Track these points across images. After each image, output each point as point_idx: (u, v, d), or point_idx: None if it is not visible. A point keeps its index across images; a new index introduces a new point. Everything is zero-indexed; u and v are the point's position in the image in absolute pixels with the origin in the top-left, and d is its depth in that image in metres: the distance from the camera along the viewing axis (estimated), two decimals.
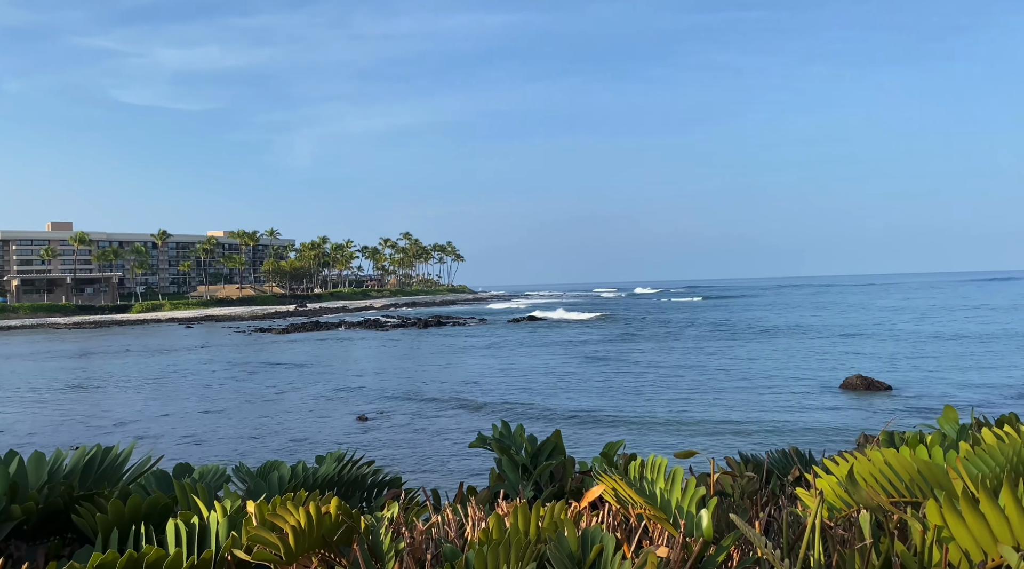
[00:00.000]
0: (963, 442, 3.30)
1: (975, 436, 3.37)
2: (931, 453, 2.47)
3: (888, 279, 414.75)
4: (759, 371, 41.30)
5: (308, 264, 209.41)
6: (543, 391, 35.46)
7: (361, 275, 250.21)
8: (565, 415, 28.67)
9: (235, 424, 30.01)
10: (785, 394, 33.22)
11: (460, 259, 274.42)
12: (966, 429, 3.57)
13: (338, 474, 3.49)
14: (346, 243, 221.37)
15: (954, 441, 3.54)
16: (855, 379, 34.71)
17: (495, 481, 3.73)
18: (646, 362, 47.56)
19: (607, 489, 2.79)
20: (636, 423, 26.65)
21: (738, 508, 3.06)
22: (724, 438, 24.40)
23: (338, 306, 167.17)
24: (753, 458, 4.11)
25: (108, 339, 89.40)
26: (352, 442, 25.13)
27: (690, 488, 2.59)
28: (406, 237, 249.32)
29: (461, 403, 32.51)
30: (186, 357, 61.81)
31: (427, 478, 18.34)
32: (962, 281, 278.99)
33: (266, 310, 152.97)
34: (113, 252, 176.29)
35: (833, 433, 24.64)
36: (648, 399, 32.10)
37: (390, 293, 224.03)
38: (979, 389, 33.28)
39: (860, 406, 30.17)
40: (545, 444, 3.83)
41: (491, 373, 43.42)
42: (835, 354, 49.07)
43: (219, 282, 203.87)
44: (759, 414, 28.31)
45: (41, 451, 2.60)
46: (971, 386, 34.18)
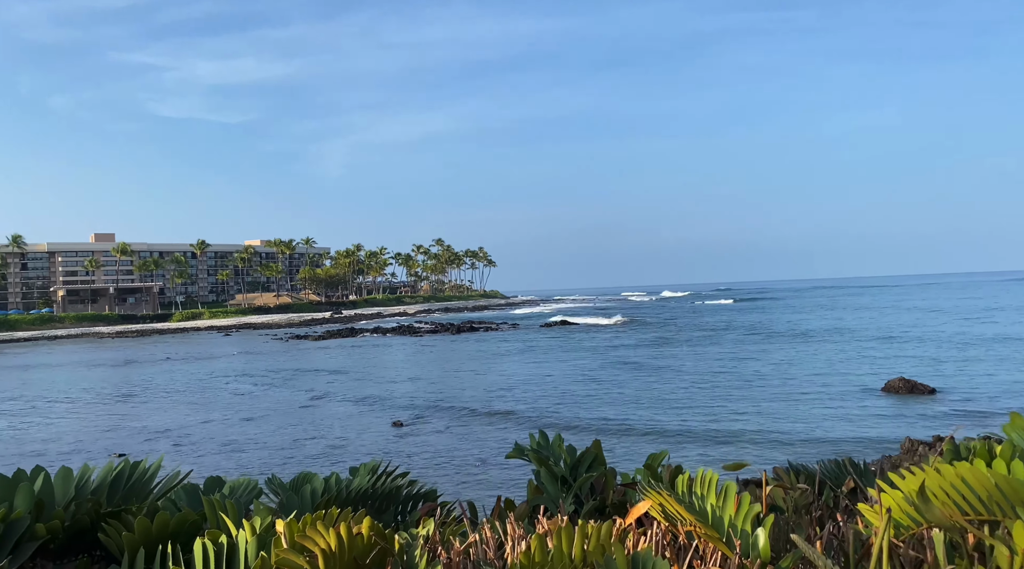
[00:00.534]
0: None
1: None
2: (1010, 467, 2.27)
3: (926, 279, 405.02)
4: (797, 375, 40.50)
5: (343, 271, 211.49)
6: (578, 398, 35.16)
7: (395, 281, 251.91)
8: (601, 423, 28.34)
9: (273, 431, 30.27)
10: (825, 398, 32.48)
11: (492, 264, 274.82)
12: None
13: (372, 487, 3.38)
14: (380, 250, 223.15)
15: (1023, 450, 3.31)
16: (897, 382, 33.81)
17: (533, 494, 3.59)
18: (682, 367, 47.00)
19: (654, 505, 2.64)
20: (674, 432, 26.17)
21: (793, 524, 2.88)
22: (764, 446, 23.90)
23: (373, 312, 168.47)
24: (804, 468, 3.92)
25: (149, 347, 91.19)
26: (387, 449, 25.17)
27: (744, 504, 2.42)
28: (438, 243, 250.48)
29: (495, 410, 32.35)
30: (224, 364, 62.71)
31: (463, 489, 18.18)
32: (1004, 280, 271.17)
33: (303, 317, 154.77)
34: (154, 262, 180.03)
35: (876, 438, 23.99)
36: (685, 406, 31.62)
37: (423, 299, 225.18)
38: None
39: (903, 410, 29.35)
40: (585, 455, 3.68)
41: (525, 379, 43.25)
42: (874, 356, 47.93)
43: (256, 290, 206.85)
44: (798, 419, 27.71)
45: (68, 467, 2.53)
46: (1019, 389, 33.07)
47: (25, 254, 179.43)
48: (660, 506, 2.63)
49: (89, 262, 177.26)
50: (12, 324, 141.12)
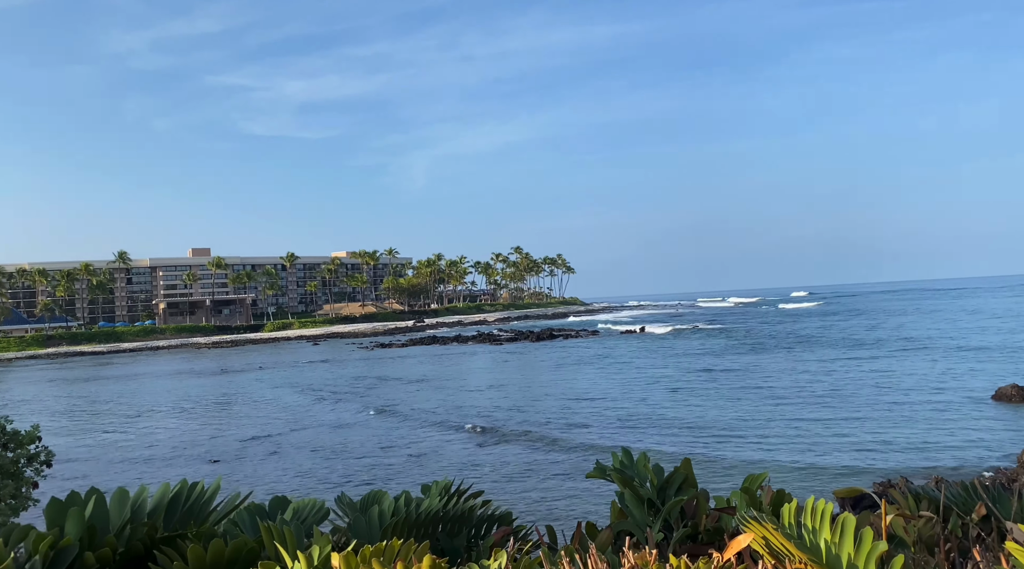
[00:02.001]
0: None
1: None
2: None
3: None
4: (897, 383, 38.35)
5: (424, 281, 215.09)
6: (661, 410, 34.24)
7: (475, 290, 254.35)
8: (686, 437, 27.49)
9: (356, 440, 30.79)
10: (931, 408, 30.55)
11: (570, 271, 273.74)
12: None
13: (444, 508, 3.17)
14: (459, 259, 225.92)
15: None
16: (1009, 389, 31.50)
17: (617, 518, 3.30)
18: (771, 376, 45.36)
19: (757, 538, 2.32)
20: (768, 446, 25.01)
21: (922, 564, 2.50)
22: (868, 460, 22.61)
23: (454, 320, 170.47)
24: (925, 493, 3.48)
25: (243, 356, 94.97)
26: (465, 461, 25.13)
27: (866, 541, 2.08)
28: (517, 251, 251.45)
29: (576, 422, 31.87)
30: (313, 373, 64.56)
31: (540, 507, 17.75)
32: None
33: (387, 326, 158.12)
34: (247, 275, 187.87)
35: (989, 451, 22.33)
36: (777, 417, 30.32)
37: (503, 307, 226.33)
38: None
39: (1018, 419, 27.29)
40: (674, 476, 3.36)
41: (606, 389, 42.61)
42: (979, 361, 44.94)
43: (343, 300, 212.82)
44: (903, 431, 26.11)
45: (126, 488, 2.41)
46: None
47: (130, 269, 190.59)
48: (764, 540, 2.31)
49: (187, 276, 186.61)
50: (119, 335, 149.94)
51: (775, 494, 3.10)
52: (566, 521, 14.14)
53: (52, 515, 2.21)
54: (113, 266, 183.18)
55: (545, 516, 15.83)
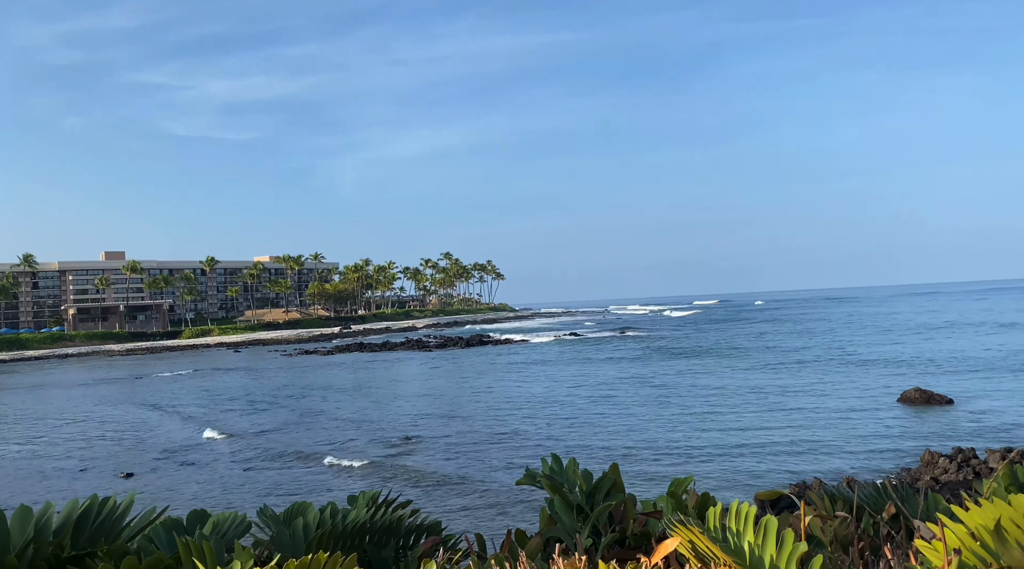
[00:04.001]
0: None
1: None
2: None
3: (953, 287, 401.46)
4: (809, 388, 39.95)
5: (352, 286, 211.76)
6: (590, 415, 34.66)
7: (403, 296, 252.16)
8: (615, 443, 27.89)
9: (282, 447, 30.01)
10: (841, 410, 31.96)
11: (500, 278, 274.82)
12: None
13: (371, 519, 3.11)
14: (388, 265, 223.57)
15: None
16: (913, 392, 33.29)
17: (547, 524, 3.30)
18: (695, 382, 46.54)
19: (683, 542, 2.36)
20: (690, 451, 25.63)
21: (839, 562, 2.59)
22: (782, 462, 23.43)
23: (382, 327, 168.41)
24: (839, 493, 3.62)
25: (159, 364, 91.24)
26: (395, 469, 24.82)
27: (787, 542, 2.14)
28: (447, 257, 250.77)
29: (506, 429, 31.93)
30: (234, 381, 62.58)
31: (470, 516, 17.67)
32: (1012, 289, 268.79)
33: (312, 333, 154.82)
34: (164, 280, 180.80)
35: (895, 450, 23.50)
36: (699, 423, 31.08)
37: (432, 313, 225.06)
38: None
39: (921, 421, 28.83)
40: (602, 481, 3.39)
41: (535, 395, 42.86)
42: (887, 366, 47.31)
43: (266, 306, 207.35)
44: (815, 433, 27.21)
45: (28, 505, 2.27)
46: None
47: (36, 273, 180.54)
48: (690, 543, 2.35)
49: (100, 280, 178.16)
50: (23, 343, 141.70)
51: (700, 498, 3.17)
52: (496, 529, 14.12)
53: None
54: (17, 269, 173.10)
55: (475, 524, 15.77)
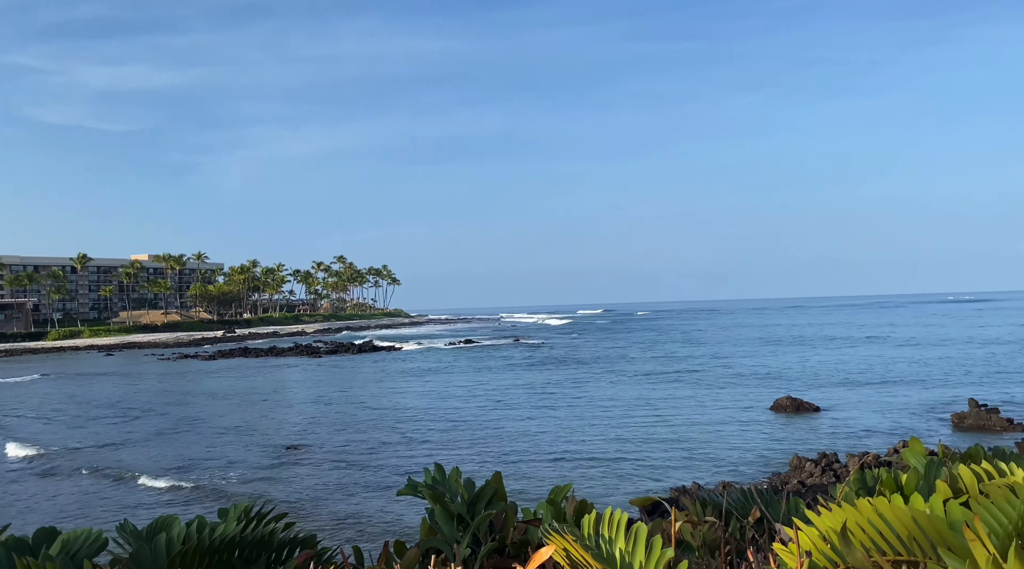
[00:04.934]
0: (940, 482, 3.03)
1: (951, 474, 3.11)
2: (930, 504, 2.15)
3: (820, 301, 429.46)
4: (686, 394, 41.67)
5: (237, 288, 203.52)
6: (480, 422, 34.66)
7: (293, 300, 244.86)
8: (504, 450, 28.02)
9: (152, 457, 28.38)
10: (712, 417, 33.49)
11: (396, 283, 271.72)
12: (936, 465, 3.31)
13: (241, 533, 2.97)
14: (277, 267, 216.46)
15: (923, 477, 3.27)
16: (784, 400, 35.32)
17: (427, 535, 3.28)
18: (583, 391, 47.54)
19: (558, 550, 2.40)
20: (576, 458, 26.05)
21: (703, 565, 2.71)
22: (659, 469, 24.27)
23: (269, 331, 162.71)
24: (710, 499, 3.78)
25: (19, 366, 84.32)
26: (275, 479, 23.96)
27: (655, 548, 2.21)
28: (340, 261, 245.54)
29: (395, 438, 31.42)
30: (104, 386, 58.68)
31: (352, 528, 17.21)
32: (871, 305, 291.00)
33: (192, 336, 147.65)
34: (28, 276, 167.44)
35: (767, 456, 24.84)
36: (583, 431, 31.69)
37: (323, 318, 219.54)
38: (906, 410, 34.23)
39: (791, 428, 30.62)
40: (484, 490, 3.40)
41: (426, 404, 42.52)
42: (765, 375, 50.07)
43: (143, 308, 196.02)
44: (691, 440, 28.36)
45: None
46: (895, 406, 35.19)
47: None
48: (564, 551, 2.39)
49: None
50: None
51: (578, 505, 3.23)
52: (378, 541, 13.85)
53: None
54: None
55: (356, 537, 15.41)
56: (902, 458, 3.69)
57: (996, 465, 2.96)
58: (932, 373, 48.25)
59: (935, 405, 34.83)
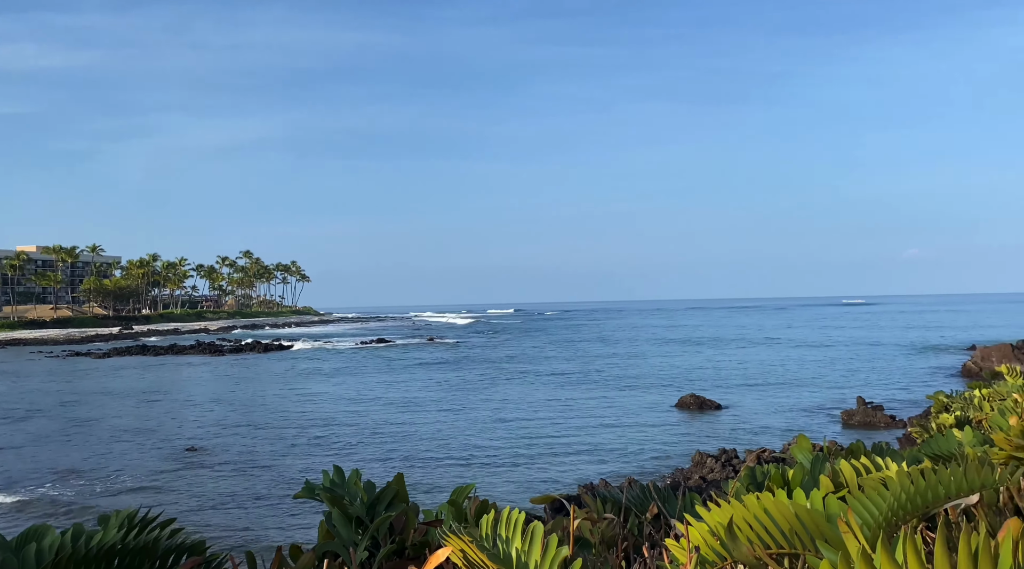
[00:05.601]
0: (823, 477, 3.19)
1: (834, 469, 3.27)
2: (810, 498, 2.25)
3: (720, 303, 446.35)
4: (594, 394, 42.49)
5: (135, 283, 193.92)
6: (390, 425, 34.06)
7: (196, 295, 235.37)
8: (412, 451, 27.74)
9: (33, 461, 26.63)
10: (622, 414, 34.30)
11: (305, 279, 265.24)
12: (820, 460, 3.48)
13: (122, 541, 2.81)
14: (179, 261, 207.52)
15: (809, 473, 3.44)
16: (689, 398, 36.55)
17: (324, 538, 3.19)
18: (489, 389, 47.72)
19: (455, 551, 2.37)
20: (481, 456, 26.11)
21: (599, 562, 2.74)
22: (565, 465, 24.62)
23: (169, 328, 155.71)
24: (610, 495, 3.85)
25: None
26: (172, 481, 22.94)
27: (551, 547, 2.22)
28: (246, 256, 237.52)
29: (300, 440, 30.49)
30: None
31: (249, 534, 16.54)
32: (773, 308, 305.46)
33: (85, 333, 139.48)
34: None
35: (671, 453, 25.62)
36: (492, 429, 31.80)
37: (228, 315, 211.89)
38: (800, 408, 36.01)
39: (694, 425, 31.69)
40: (385, 492, 3.33)
41: (334, 404, 41.65)
42: (671, 374, 51.65)
43: (30, 302, 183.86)
44: (596, 436, 28.95)
45: None
46: (789, 405, 36.99)
47: None
48: (462, 552, 2.37)
49: None
50: None
51: (479, 504, 3.22)
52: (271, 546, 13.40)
53: None
54: None
55: (251, 543, 14.87)
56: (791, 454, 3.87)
57: (873, 459, 3.14)
58: (825, 373, 50.98)
59: (826, 403, 36.80)
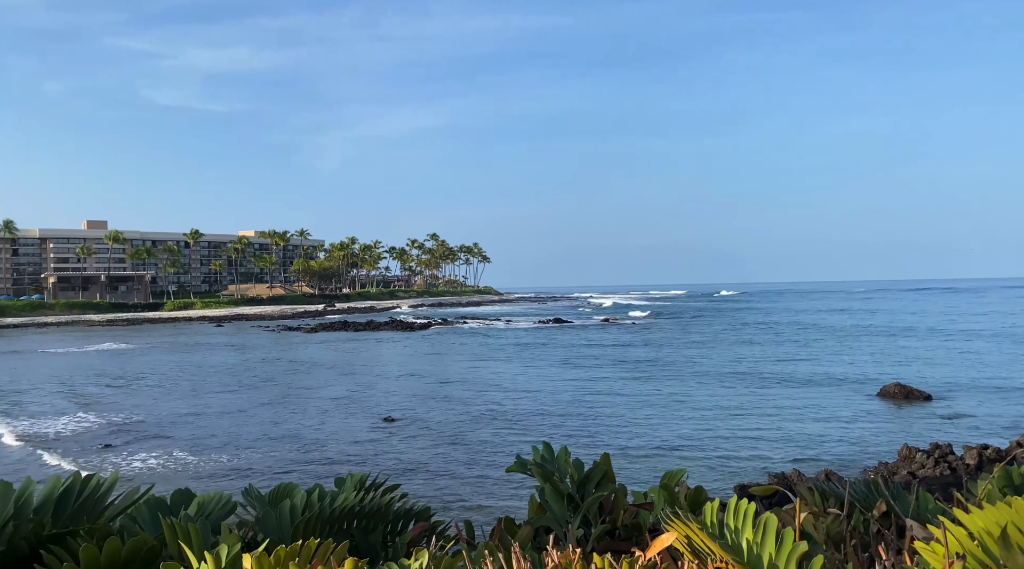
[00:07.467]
0: None
1: None
2: None
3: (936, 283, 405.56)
4: (791, 378, 40.28)
5: (337, 264, 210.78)
6: (575, 405, 34.46)
7: (388, 276, 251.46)
8: (600, 431, 27.95)
9: (263, 426, 29.89)
10: (821, 403, 32.26)
11: (486, 260, 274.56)
12: None
13: (359, 503, 3.05)
14: (374, 244, 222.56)
15: None
16: (893, 387, 33.66)
17: (536, 513, 3.26)
18: (679, 371, 46.77)
19: (680, 537, 2.33)
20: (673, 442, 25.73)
21: (833, 561, 2.57)
22: (763, 455, 23.63)
23: (366, 306, 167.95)
24: (831, 490, 3.60)
25: (139, 336, 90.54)
26: (377, 450, 24.78)
27: (786, 541, 2.11)
28: (433, 238, 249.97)
29: (489, 412, 31.89)
30: (215, 356, 62.23)
31: (453, 502, 17.44)
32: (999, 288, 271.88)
33: (295, 309, 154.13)
34: (146, 251, 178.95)
35: (873, 444, 23.76)
36: (681, 412, 31.26)
37: (417, 294, 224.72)
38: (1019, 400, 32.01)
39: (899, 416, 29.18)
40: (593, 471, 3.35)
41: (519, 381, 42.92)
42: (868, 360, 47.80)
43: (250, 281, 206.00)
44: (792, 426, 27.46)
45: (7, 481, 2.19)
46: (1012, 397, 32.92)
47: (16, 240, 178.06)
48: (686, 538, 2.32)
49: (81, 249, 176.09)
50: (2, 310, 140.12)
51: (692, 491, 3.14)
52: (480, 516, 14.09)
53: None
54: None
55: (457, 510, 15.71)
56: None
57: None
58: None
59: None
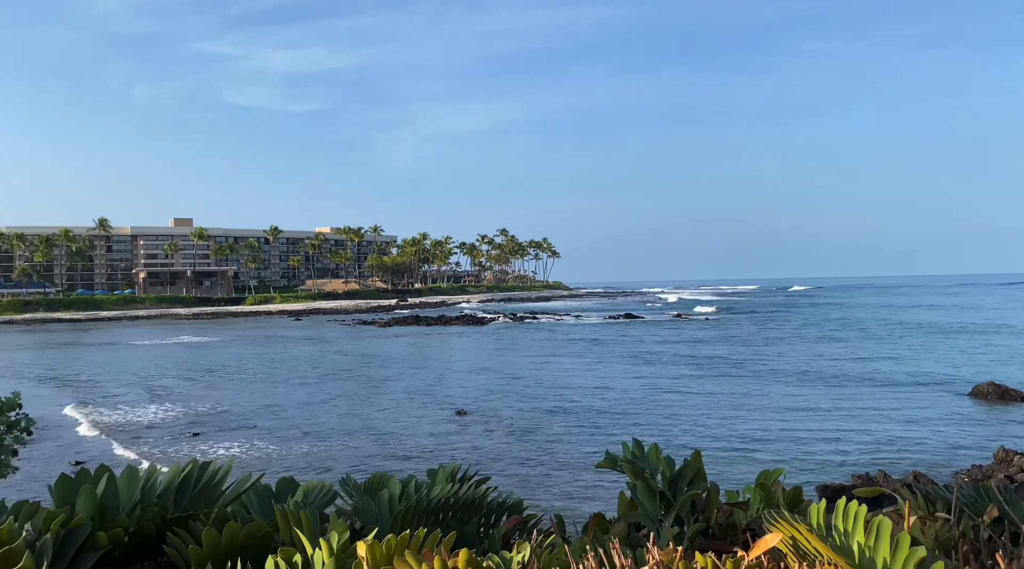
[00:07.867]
0: None
1: None
2: None
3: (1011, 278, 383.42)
4: (880, 377, 38.78)
5: (409, 259, 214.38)
6: (648, 402, 34.08)
7: (459, 271, 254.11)
8: (669, 426, 27.61)
9: (345, 418, 30.69)
10: (906, 402, 30.95)
11: (555, 255, 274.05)
12: None
13: (453, 494, 3.11)
14: (445, 239, 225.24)
15: None
16: (987, 386, 31.99)
17: (626, 509, 3.25)
18: (757, 368, 45.70)
19: (785, 538, 2.28)
20: (750, 439, 25.16)
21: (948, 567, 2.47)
22: (852, 454, 22.84)
23: (437, 300, 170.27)
24: (937, 493, 3.46)
25: (224, 330, 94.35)
26: (453, 443, 25.09)
27: (902, 546, 2.04)
28: (502, 233, 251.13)
29: (561, 409, 31.79)
30: (294, 349, 64.25)
31: (535, 495, 17.57)
32: None
33: (369, 304, 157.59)
34: (229, 247, 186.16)
35: (966, 446, 22.66)
36: (761, 409, 30.52)
37: (487, 288, 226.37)
38: None
39: (993, 417, 27.72)
40: (685, 468, 3.31)
41: (589, 376, 42.74)
42: (965, 356, 45.56)
43: (326, 276, 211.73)
44: (879, 425, 26.42)
45: (135, 466, 2.32)
46: None
47: (110, 237, 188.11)
48: (791, 539, 2.26)
49: (168, 246, 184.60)
50: (97, 304, 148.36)
51: (791, 492, 3.07)
52: (562, 510, 14.11)
53: (62, 492, 2.12)
54: (93, 233, 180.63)
55: (539, 498, 15.78)
56: None
57: None
58: None
59: None
